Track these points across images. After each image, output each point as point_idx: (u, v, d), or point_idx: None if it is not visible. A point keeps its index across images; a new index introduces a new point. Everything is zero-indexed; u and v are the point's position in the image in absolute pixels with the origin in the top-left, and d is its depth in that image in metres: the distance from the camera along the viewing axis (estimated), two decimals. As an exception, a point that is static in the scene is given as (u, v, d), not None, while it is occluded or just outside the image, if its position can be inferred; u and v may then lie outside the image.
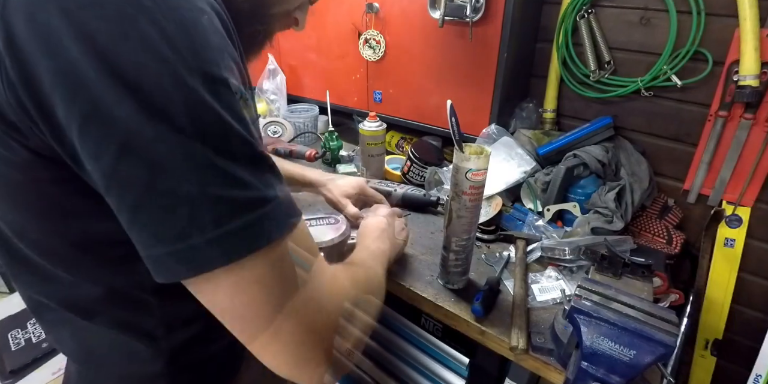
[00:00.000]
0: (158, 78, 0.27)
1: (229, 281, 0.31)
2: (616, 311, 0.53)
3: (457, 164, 0.66)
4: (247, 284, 0.31)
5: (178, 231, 0.29)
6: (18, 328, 1.01)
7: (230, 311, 0.32)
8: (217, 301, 0.32)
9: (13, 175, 0.33)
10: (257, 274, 0.31)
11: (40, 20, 0.26)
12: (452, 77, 1.10)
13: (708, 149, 0.95)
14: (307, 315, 0.34)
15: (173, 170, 0.28)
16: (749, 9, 0.81)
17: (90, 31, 0.26)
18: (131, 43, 0.26)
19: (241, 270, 0.31)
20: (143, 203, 0.29)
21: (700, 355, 1.07)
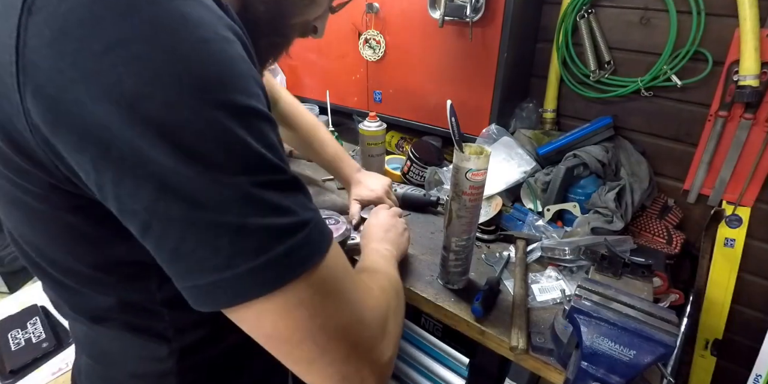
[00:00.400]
0: (188, 117, 0.27)
1: (273, 307, 0.31)
2: (616, 311, 0.53)
3: (457, 164, 0.66)
4: (292, 309, 0.31)
5: (221, 261, 0.29)
6: (18, 328, 1.01)
7: (275, 337, 0.32)
8: (261, 327, 0.32)
9: (33, 204, 0.34)
10: (301, 297, 0.31)
11: (62, 66, 0.25)
12: (452, 77, 1.10)
13: (708, 149, 0.95)
14: (351, 331, 0.35)
15: (212, 205, 0.28)
16: (749, 9, 0.81)
17: (114, 77, 0.25)
18: (159, 86, 0.26)
19: (285, 295, 0.31)
20: (185, 238, 0.29)
21: (700, 355, 1.07)
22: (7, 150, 0.29)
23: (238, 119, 0.28)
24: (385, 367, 0.38)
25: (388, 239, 0.69)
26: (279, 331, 0.32)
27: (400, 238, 0.73)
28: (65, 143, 0.27)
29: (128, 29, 0.25)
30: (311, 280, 0.32)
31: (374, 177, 0.94)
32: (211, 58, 0.27)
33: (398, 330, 0.43)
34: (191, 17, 0.27)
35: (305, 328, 0.32)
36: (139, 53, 0.25)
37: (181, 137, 0.27)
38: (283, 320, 0.31)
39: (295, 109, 0.93)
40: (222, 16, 0.30)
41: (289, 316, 0.31)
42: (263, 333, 0.33)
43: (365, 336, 0.36)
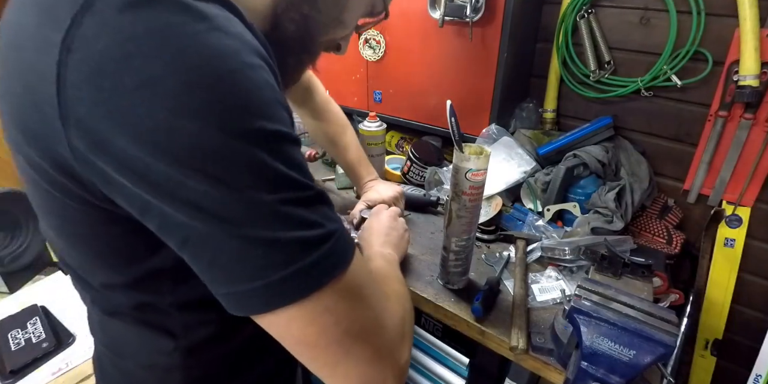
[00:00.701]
0: (216, 147, 0.29)
1: (300, 314, 0.33)
2: (616, 311, 0.53)
3: (457, 164, 0.66)
4: (319, 315, 0.33)
5: (253, 272, 0.31)
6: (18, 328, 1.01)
7: (303, 342, 0.35)
8: (290, 333, 0.34)
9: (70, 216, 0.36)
10: (327, 305, 0.34)
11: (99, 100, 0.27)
12: (452, 77, 1.10)
13: (708, 149, 0.95)
14: (374, 334, 0.37)
15: (245, 223, 0.30)
16: (749, 9, 0.81)
17: (145, 111, 0.27)
18: (187, 118, 0.28)
19: (312, 303, 0.33)
20: (221, 251, 0.31)
21: (700, 355, 1.07)
22: (52, 171, 0.32)
23: (264, 145, 0.30)
24: (404, 369, 0.40)
25: (389, 242, 0.69)
26: (307, 337, 0.34)
27: (400, 241, 0.73)
28: (105, 169, 0.29)
29: (157, 66, 0.27)
30: (336, 287, 0.34)
31: (387, 185, 0.94)
32: (237, 88, 0.29)
33: (412, 333, 0.45)
34: (216, 49, 0.29)
35: (331, 333, 0.34)
36: (168, 89, 0.27)
37: (212, 165, 0.29)
38: (311, 326, 0.33)
39: (327, 106, 0.95)
40: (247, 40, 0.31)
41: (315, 322, 0.33)
42: (292, 338, 0.35)
43: (386, 339, 0.38)
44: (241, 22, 0.32)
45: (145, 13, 0.27)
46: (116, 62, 0.27)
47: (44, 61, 0.28)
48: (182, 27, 0.28)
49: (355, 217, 0.87)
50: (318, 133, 0.97)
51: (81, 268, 0.43)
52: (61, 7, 0.28)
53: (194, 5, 0.29)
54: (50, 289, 1.19)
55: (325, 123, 0.95)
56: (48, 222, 0.40)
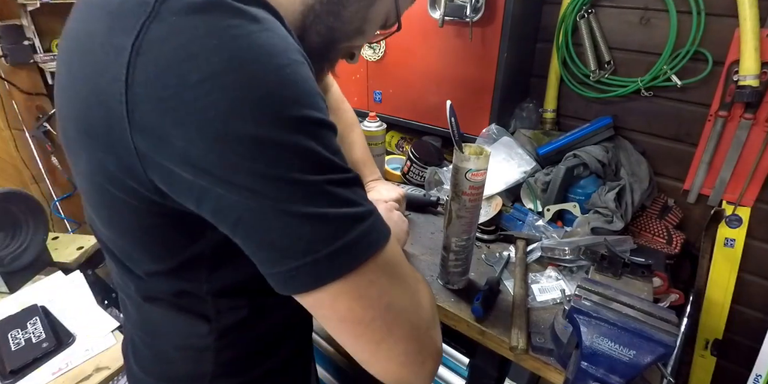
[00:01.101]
0: (270, 132, 0.31)
1: (347, 289, 0.35)
2: (616, 311, 0.53)
3: (456, 164, 0.66)
4: (364, 288, 0.36)
5: (303, 247, 0.33)
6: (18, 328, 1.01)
7: (349, 319, 0.36)
8: (336, 310, 0.36)
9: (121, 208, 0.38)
10: (371, 278, 0.36)
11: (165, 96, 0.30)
12: (452, 77, 1.10)
13: (708, 149, 0.95)
14: (412, 312, 0.39)
15: (295, 201, 0.33)
16: (749, 9, 0.81)
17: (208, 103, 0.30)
18: (246, 108, 0.30)
19: (359, 277, 0.35)
20: (272, 229, 0.33)
21: (700, 355, 1.07)
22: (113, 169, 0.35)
23: (311, 132, 0.33)
24: (439, 352, 0.42)
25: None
26: (353, 312, 0.36)
27: (398, 231, 0.71)
28: (164, 164, 0.32)
29: (217, 64, 0.30)
30: (378, 262, 0.36)
31: (389, 186, 0.93)
32: (287, 81, 0.32)
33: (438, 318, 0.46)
34: (268, 47, 0.32)
35: (376, 306, 0.36)
36: (228, 82, 0.30)
37: (265, 150, 0.31)
38: (357, 300, 0.35)
39: (340, 104, 0.96)
40: (291, 41, 0.35)
41: (362, 296, 0.36)
42: (337, 316, 0.36)
43: (423, 318, 0.40)
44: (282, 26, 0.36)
45: (205, 17, 0.31)
46: (181, 61, 0.30)
47: (114, 64, 0.31)
48: (238, 28, 0.31)
49: None
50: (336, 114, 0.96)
51: (127, 257, 0.45)
52: (131, 15, 0.31)
53: (248, 10, 0.32)
54: (50, 289, 1.19)
55: (335, 120, 0.94)
56: (97, 213, 0.43)
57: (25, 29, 1.51)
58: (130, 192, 0.36)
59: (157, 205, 0.37)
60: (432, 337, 0.41)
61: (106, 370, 0.94)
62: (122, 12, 0.32)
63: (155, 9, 0.31)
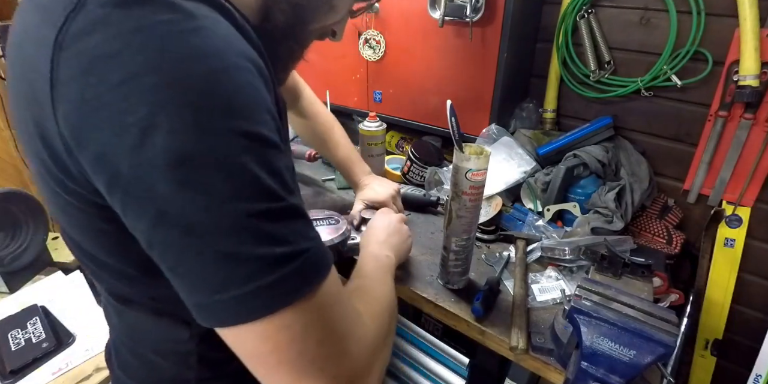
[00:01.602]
0: (191, 145, 0.28)
1: (257, 330, 0.32)
2: (616, 311, 0.53)
3: (457, 164, 0.66)
4: (275, 333, 0.32)
5: (214, 286, 0.30)
6: (18, 328, 1.01)
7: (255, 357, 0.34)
8: (244, 346, 0.33)
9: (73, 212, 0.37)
10: (285, 324, 0.32)
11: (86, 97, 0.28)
12: (452, 77, 1.10)
13: (708, 149, 0.95)
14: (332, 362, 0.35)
15: (206, 232, 0.29)
16: (749, 9, 0.81)
17: (126, 107, 0.27)
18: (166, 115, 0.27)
19: (271, 321, 0.32)
20: (180, 261, 0.31)
21: (700, 355, 1.07)
22: (54, 169, 0.33)
23: (240, 146, 0.29)
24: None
25: (389, 244, 0.68)
26: (258, 352, 0.33)
27: (402, 245, 0.72)
28: (87, 165, 0.30)
29: (141, 63, 0.27)
30: (299, 307, 0.32)
31: (383, 181, 0.93)
32: (218, 88, 0.29)
33: (387, 356, 0.43)
34: (200, 48, 0.29)
35: (285, 352, 0.33)
36: (150, 85, 0.27)
37: (183, 165, 0.28)
38: (263, 343, 0.32)
39: (315, 108, 0.94)
40: (232, 42, 0.31)
41: (270, 340, 0.32)
42: (244, 351, 0.34)
43: (347, 367, 0.36)
44: (231, 25, 0.32)
45: (134, 11, 0.28)
46: (104, 59, 0.27)
47: (41, 59, 0.29)
48: (170, 24, 0.28)
49: (356, 218, 0.87)
50: (307, 132, 0.97)
51: (94, 261, 0.43)
52: (59, 6, 0.29)
53: (183, 5, 0.29)
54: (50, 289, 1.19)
55: (313, 121, 0.94)
56: (57, 217, 0.41)
57: (25, 29, 1.51)
58: (76, 196, 0.34)
59: (104, 210, 0.34)
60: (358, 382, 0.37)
61: (106, 370, 0.94)
62: (52, 3, 0.30)
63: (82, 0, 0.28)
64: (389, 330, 0.46)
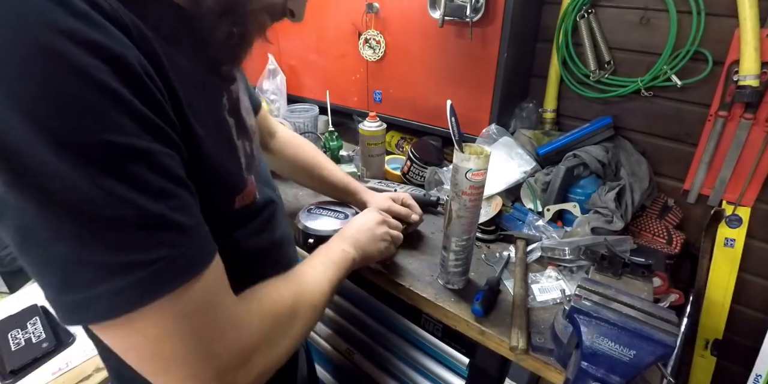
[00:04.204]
0: (25, 150, 0.27)
1: (111, 329, 0.33)
2: (616, 311, 0.53)
3: (456, 164, 0.66)
4: (127, 335, 0.33)
5: (57, 288, 0.31)
6: (18, 328, 1.01)
7: (118, 350, 0.35)
8: (106, 340, 0.34)
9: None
10: (139, 326, 0.33)
11: None
12: (452, 77, 1.10)
13: (708, 149, 0.95)
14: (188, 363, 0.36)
15: (41, 241, 0.29)
16: (749, 9, 0.81)
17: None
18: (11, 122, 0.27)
19: (123, 322, 0.32)
20: (23, 259, 0.31)
21: (700, 355, 1.07)
22: None
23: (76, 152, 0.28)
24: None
25: (354, 240, 0.66)
26: (118, 349, 0.34)
27: (370, 245, 0.69)
28: None
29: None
30: (149, 315, 0.33)
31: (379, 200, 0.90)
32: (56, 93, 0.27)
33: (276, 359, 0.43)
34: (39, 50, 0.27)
35: (139, 352, 0.34)
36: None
37: (15, 168, 0.27)
38: (119, 342, 0.34)
39: (294, 141, 0.90)
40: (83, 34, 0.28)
41: (124, 340, 0.34)
42: (105, 341, 0.35)
43: (210, 368, 0.37)
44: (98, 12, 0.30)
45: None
46: None
47: None
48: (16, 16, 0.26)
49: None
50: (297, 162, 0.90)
51: None
52: None
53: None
54: (50, 289, 1.19)
55: (301, 149, 0.90)
56: None
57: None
58: None
59: None
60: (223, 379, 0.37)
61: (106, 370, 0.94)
62: None
63: None
64: (285, 329, 0.45)
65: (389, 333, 0.98)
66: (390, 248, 0.74)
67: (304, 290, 0.51)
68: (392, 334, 0.98)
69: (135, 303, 0.32)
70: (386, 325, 0.99)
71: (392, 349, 0.99)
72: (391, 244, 0.74)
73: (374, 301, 0.98)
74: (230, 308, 0.39)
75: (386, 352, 1.01)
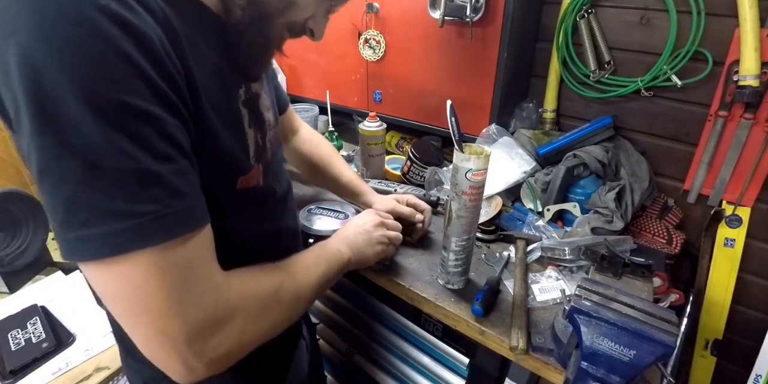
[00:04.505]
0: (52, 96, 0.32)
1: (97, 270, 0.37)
2: (616, 311, 0.53)
3: (456, 164, 0.66)
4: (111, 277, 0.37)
5: (59, 224, 0.35)
6: (18, 328, 1.01)
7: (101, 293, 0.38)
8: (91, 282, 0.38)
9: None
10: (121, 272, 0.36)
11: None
12: (452, 77, 1.10)
13: (708, 149, 0.95)
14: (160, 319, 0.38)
15: (53, 177, 0.34)
16: (749, 9, 0.81)
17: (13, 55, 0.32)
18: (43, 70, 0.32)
19: (104, 267, 0.36)
20: (40, 194, 0.36)
21: (700, 355, 1.07)
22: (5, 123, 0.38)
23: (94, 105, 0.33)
24: (208, 363, 0.42)
25: (350, 242, 0.67)
26: (100, 289, 0.38)
27: (366, 247, 0.70)
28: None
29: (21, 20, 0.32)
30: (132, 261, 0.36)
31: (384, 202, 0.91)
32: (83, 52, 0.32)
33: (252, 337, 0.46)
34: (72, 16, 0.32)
35: (118, 296, 0.38)
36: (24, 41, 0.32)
37: (42, 111, 0.32)
38: (103, 283, 0.38)
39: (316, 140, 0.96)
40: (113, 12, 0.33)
41: (107, 282, 0.37)
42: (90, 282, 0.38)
43: (178, 328, 0.39)
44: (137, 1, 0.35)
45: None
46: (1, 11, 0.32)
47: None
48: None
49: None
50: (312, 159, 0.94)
51: None
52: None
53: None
54: (50, 289, 1.19)
55: (318, 148, 0.95)
56: None
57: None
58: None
59: None
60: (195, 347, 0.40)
61: (106, 370, 0.95)
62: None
63: None
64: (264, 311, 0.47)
65: (389, 333, 0.98)
66: (387, 250, 0.75)
67: (291, 280, 0.52)
68: (392, 334, 0.98)
69: (122, 247, 0.35)
70: (386, 325, 0.99)
71: (392, 349, 0.99)
72: (388, 246, 0.75)
73: (374, 301, 0.98)
74: (212, 276, 0.42)
75: (386, 352, 1.01)
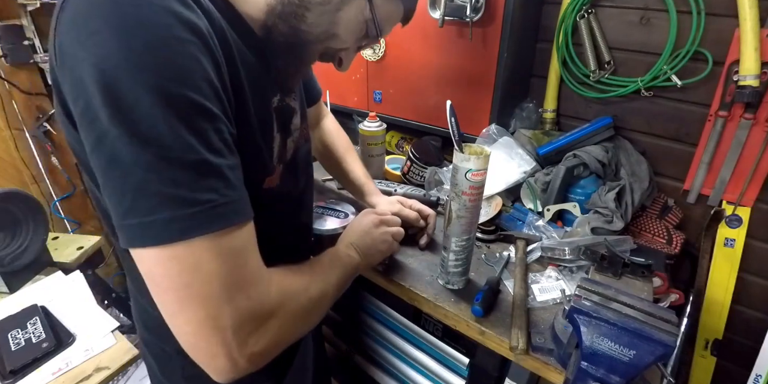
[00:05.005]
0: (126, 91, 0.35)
1: (154, 254, 0.38)
2: (616, 311, 0.53)
3: (456, 164, 0.66)
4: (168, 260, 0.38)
5: (123, 211, 0.37)
6: (18, 328, 1.01)
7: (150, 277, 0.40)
8: (142, 267, 0.39)
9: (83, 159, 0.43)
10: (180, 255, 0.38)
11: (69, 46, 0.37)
12: (452, 77, 1.10)
13: (708, 149, 0.95)
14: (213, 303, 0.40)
15: (123, 165, 0.36)
16: (749, 9, 0.81)
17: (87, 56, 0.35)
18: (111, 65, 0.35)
19: (167, 249, 0.38)
20: (105, 184, 0.38)
21: (700, 355, 1.07)
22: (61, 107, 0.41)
23: (165, 101, 0.36)
24: (249, 357, 0.42)
25: (358, 244, 0.68)
26: (152, 274, 0.39)
27: (372, 247, 0.70)
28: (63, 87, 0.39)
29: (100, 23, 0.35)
30: (190, 246, 0.38)
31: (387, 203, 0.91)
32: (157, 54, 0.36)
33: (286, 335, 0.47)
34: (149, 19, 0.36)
35: (173, 279, 0.38)
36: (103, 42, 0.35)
37: (118, 105, 0.35)
38: (157, 267, 0.39)
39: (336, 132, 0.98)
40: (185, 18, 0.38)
41: (162, 265, 0.38)
42: (143, 271, 0.40)
43: (227, 315, 0.40)
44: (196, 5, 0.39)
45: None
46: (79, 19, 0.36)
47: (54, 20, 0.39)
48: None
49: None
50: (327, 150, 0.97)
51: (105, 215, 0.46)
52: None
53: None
54: (50, 289, 1.19)
55: (335, 141, 0.98)
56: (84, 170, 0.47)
57: (25, 29, 1.51)
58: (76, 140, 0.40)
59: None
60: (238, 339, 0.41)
61: (106, 370, 0.94)
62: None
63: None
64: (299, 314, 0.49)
65: (389, 333, 0.98)
66: (393, 246, 0.75)
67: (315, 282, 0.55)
68: (392, 334, 0.98)
69: (185, 233, 0.37)
70: (386, 325, 0.99)
71: (392, 349, 0.99)
72: (392, 242, 0.75)
73: (374, 301, 0.98)
74: (258, 267, 0.44)
75: (386, 352, 1.01)
